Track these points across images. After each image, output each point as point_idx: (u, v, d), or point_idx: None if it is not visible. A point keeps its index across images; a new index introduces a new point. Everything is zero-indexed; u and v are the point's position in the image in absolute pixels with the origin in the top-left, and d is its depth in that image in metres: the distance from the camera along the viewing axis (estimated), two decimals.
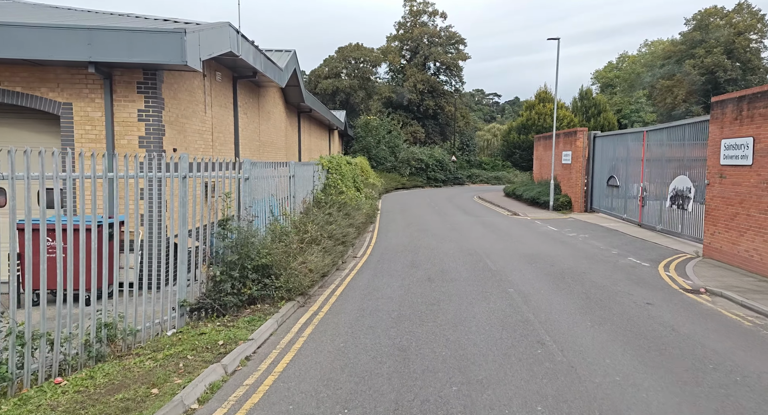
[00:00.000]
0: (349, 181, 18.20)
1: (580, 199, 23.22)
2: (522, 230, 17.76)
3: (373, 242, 14.76)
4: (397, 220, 20.56)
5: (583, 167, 23.07)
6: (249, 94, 14.60)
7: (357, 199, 16.29)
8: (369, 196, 21.95)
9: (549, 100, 35.78)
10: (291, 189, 10.45)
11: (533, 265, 11.36)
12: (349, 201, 14.55)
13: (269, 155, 16.95)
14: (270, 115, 17.19)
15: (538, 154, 30.20)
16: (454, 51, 51.29)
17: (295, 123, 22.27)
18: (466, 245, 14.14)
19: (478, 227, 18.29)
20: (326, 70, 48.80)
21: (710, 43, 45.79)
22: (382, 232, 16.92)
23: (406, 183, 42.02)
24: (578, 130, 23.08)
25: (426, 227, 18.21)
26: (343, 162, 17.85)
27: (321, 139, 30.42)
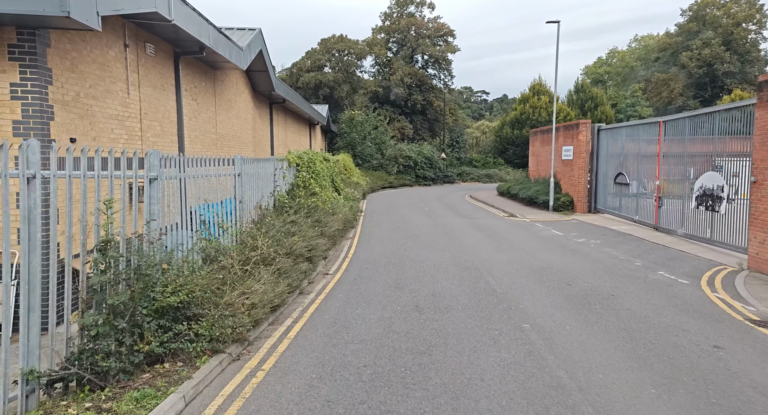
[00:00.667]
0: (326, 180, 15.85)
1: (583, 198, 21.12)
2: (523, 234, 15.56)
3: (352, 253, 12.45)
4: (382, 223, 18.26)
5: (587, 164, 20.96)
6: (200, 76, 12.17)
7: (334, 202, 13.96)
8: (350, 198, 19.61)
9: (544, 92, 33.74)
10: (238, 191, 8.08)
11: (546, 284, 9.13)
12: (323, 204, 12.20)
13: (231, 150, 14.53)
14: (231, 104, 14.76)
15: (534, 149, 28.09)
16: (442, 43, 49.04)
17: (267, 115, 19.85)
18: (462, 256, 11.88)
19: (473, 232, 16.06)
20: (308, 62, 46.27)
21: (708, 34, 44.11)
22: (364, 239, 14.62)
23: (394, 182, 39.74)
24: (581, 122, 20.99)
25: (414, 232, 15.94)
26: (318, 158, 15.50)
27: (300, 134, 27.99)
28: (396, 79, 45.83)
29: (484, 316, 7.21)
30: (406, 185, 41.71)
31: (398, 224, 18.26)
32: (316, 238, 9.82)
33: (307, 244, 8.92)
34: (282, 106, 22.20)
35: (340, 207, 13.98)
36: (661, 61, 51.32)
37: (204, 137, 12.29)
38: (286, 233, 8.68)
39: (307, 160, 13.88)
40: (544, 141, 25.83)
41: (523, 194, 24.93)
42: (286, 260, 7.77)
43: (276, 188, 10.64)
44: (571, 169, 21.85)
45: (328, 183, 16.24)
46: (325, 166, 16.81)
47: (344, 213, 13.99)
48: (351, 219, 15.98)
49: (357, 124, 39.04)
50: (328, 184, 15.81)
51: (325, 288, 8.96)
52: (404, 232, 16.04)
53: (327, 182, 15.75)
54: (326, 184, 15.43)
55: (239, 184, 8.08)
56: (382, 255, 12.07)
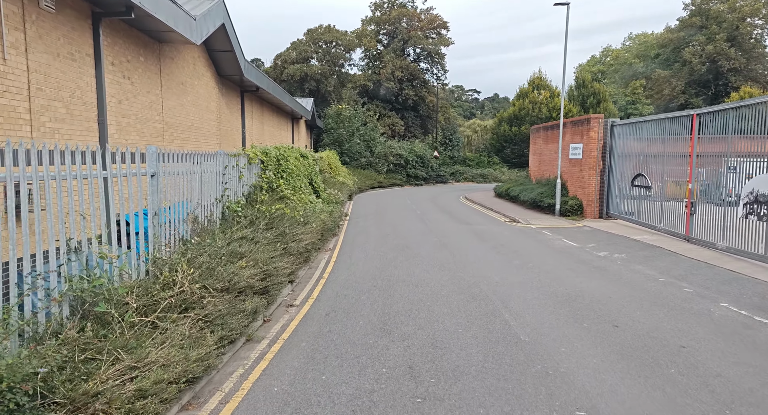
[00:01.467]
0: (301, 180, 13.42)
1: (594, 202, 18.89)
2: (532, 245, 13.25)
3: (328, 272, 10.04)
4: (369, 230, 15.86)
5: (598, 163, 18.73)
6: (137, 49, 9.65)
7: (309, 207, 11.52)
8: (333, 200, 17.18)
9: (544, 87, 31.55)
10: (152, 200, 5.57)
11: (584, 324, 6.80)
12: (293, 211, 9.75)
13: (187, 144, 12.03)
14: (186, 89, 12.25)
15: (536, 148, 25.85)
16: (435, 36, 46.69)
17: (237, 105, 17.33)
18: (466, 277, 9.53)
19: (474, 242, 13.72)
20: (294, 54, 43.64)
21: (712, 29, 42.24)
22: (346, 252, 12.22)
23: (384, 181, 37.37)
24: (592, 117, 18.74)
25: (406, 242, 13.57)
26: (293, 155, 13.04)
27: (280, 129, 25.47)
28: (386, 72, 43.38)
29: (511, 391, 4.83)
30: (397, 185, 39.35)
31: (387, 230, 15.87)
32: (276, 259, 7.39)
33: (261, 269, 6.48)
34: (256, 95, 19.69)
35: (317, 214, 11.55)
36: (662, 58, 49.45)
37: (143, 126, 9.78)
38: (231, 256, 6.25)
39: (276, 157, 11.42)
40: (548, 138, 23.59)
41: (525, 197, 22.67)
42: (223, 298, 5.34)
43: (226, 193, 8.16)
44: (580, 169, 19.62)
45: (304, 184, 13.80)
46: (302, 164, 14.36)
47: (322, 221, 11.57)
48: (332, 227, 13.56)
49: (344, 120, 36.56)
50: (303, 185, 13.37)
51: (285, 331, 6.54)
52: (394, 241, 13.66)
53: (302, 183, 13.31)
54: (301, 186, 12.99)
55: (154, 190, 5.58)
56: (366, 275, 9.67)
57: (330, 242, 13.56)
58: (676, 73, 45.30)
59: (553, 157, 22.64)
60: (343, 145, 36.59)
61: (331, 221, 13.53)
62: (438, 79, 48.22)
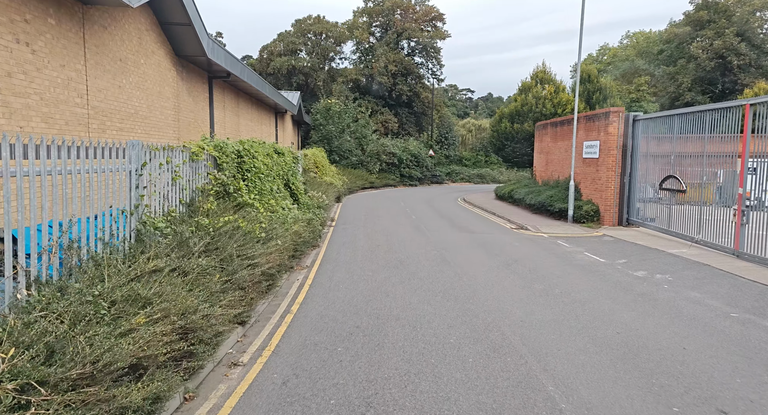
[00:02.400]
0: (273, 182, 11.05)
1: (612, 207, 16.68)
2: (552, 261, 10.98)
3: (300, 302, 7.71)
4: (357, 240, 13.54)
5: (618, 163, 16.53)
6: (43, 6, 7.24)
7: (279, 216, 9.14)
8: (316, 205, 14.83)
9: (548, 80, 29.32)
10: None
11: (674, 409, 4.51)
12: (252, 224, 7.35)
13: (127, 134, 9.64)
14: (128, 67, 9.84)
15: (542, 146, 23.63)
16: (431, 29, 44.38)
17: (204, 93, 14.93)
18: (480, 312, 7.23)
19: (481, 256, 11.42)
20: (281, 46, 41.14)
21: (721, 23, 40.27)
22: (326, 270, 9.88)
23: (376, 181, 35.04)
24: (611, 110, 16.52)
25: (400, 256, 11.26)
26: (262, 151, 10.66)
27: (260, 123, 23.05)
28: (379, 66, 41.00)
29: None
30: (390, 186, 37.05)
31: (378, 240, 13.56)
32: (213, 299, 5.04)
33: (176, 325, 4.14)
34: (230, 84, 17.29)
35: (289, 224, 9.18)
36: (665, 55, 47.50)
37: (53, 110, 7.38)
38: (126, 307, 3.91)
39: (236, 152, 9.02)
40: (558, 135, 21.38)
41: (532, 200, 20.45)
42: (84, 392, 2.99)
43: (143, 202, 5.72)
44: (596, 169, 17.40)
45: (278, 186, 11.43)
46: (275, 163, 12.00)
47: (296, 233, 9.22)
48: (311, 238, 11.22)
49: (334, 116, 34.14)
50: (276, 187, 10.99)
51: None
52: (386, 256, 11.34)
53: (274, 185, 10.93)
54: (272, 189, 10.61)
55: None
56: (349, 308, 7.34)
57: (308, 258, 11.21)
58: (682, 69, 43.33)
59: (564, 157, 20.44)
60: (333, 143, 34.20)
61: (310, 231, 11.19)
62: (433, 74, 45.96)
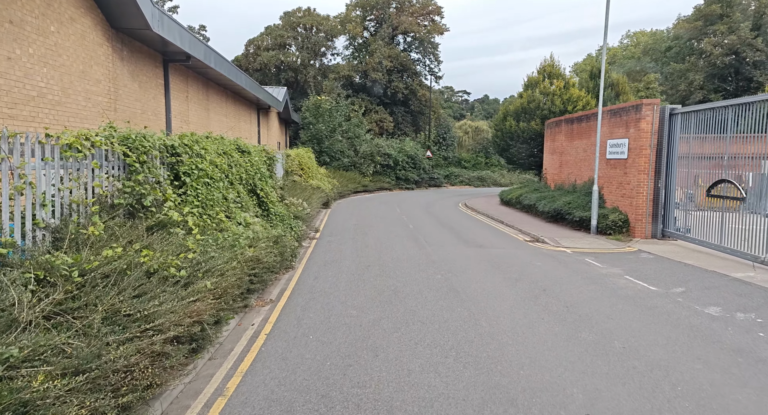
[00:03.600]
0: (232, 189, 8.47)
1: (645, 217, 14.21)
2: (591, 291, 8.45)
3: (243, 371, 5.15)
4: (343, 259, 10.99)
5: (652, 165, 14.07)
6: None
7: (226, 239, 6.57)
8: (295, 215, 12.29)
9: (557, 75, 26.87)
10: None
11: None
12: (164, 257, 4.74)
13: (24, 125, 7.04)
14: (26, 34, 7.26)
15: (555, 146, 21.15)
16: (428, 23, 41.93)
17: (158, 79, 12.35)
18: (521, 396, 4.66)
19: (498, 282, 8.86)
20: (268, 40, 38.55)
21: (735, 17, 38.04)
22: (295, 308, 7.34)
23: (369, 185, 32.51)
24: (644, 103, 14.06)
25: (396, 283, 8.71)
26: (213, 148, 8.11)
27: (238, 119, 20.47)
28: (373, 62, 38.48)
29: None
30: (385, 189, 34.53)
31: (369, 258, 11.00)
32: None
33: None
34: (196, 72, 14.71)
35: (240, 248, 6.61)
36: (674, 51, 45.27)
37: None
38: None
39: (167, 148, 6.40)
40: (574, 133, 18.91)
41: (545, 207, 17.95)
42: None
43: None
44: (624, 172, 14.93)
45: (238, 194, 8.84)
46: (237, 164, 9.41)
47: (250, 260, 6.66)
48: (278, 261, 8.66)
49: (324, 113, 31.58)
50: (233, 196, 8.40)
51: None
52: (376, 282, 8.78)
53: (233, 193, 8.34)
54: (228, 198, 8.03)
55: None
56: (315, 387, 4.78)
57: (275, 286, 8.63)
58: (692, 66, 41.07)
59: (582, 157, 17.97)
60: (323, 143, 31.64)
61: (279, 251, 8.62)
62: (431, 71, 43.47)
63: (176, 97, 13.42)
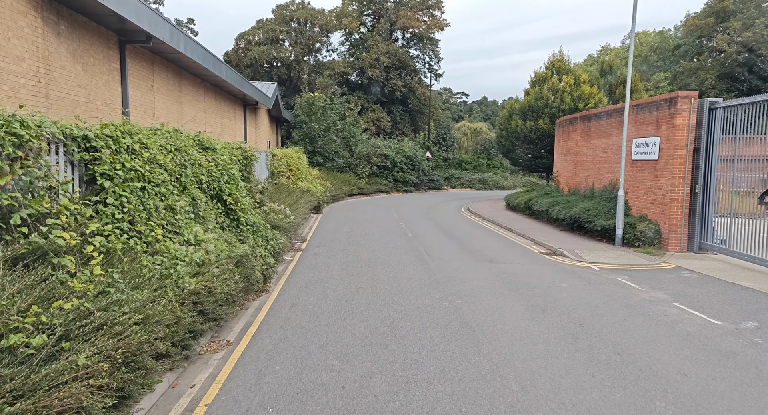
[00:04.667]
0: (186, 195, 6.59)
1: (680, 227, 12.37)
2: (639, 327, 6.59)
3: None
4: (329, 279, 9.10)
5: (688, 167, 12.23)
6: None
7: (157, 265, 4.74)
8: (269, 225, 10.42)
9: (567, 71, 25.06)
10: None
11: None
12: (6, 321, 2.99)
13: None
14: None
15: (568, 146, 19.31)
16: (427, 18, 40.11)
17: (111, 63, 10.44)
18: None
19: (523, 317, 6.96)
20: (260, 34, 36.66)
21: (750, 13, 36.33)
22: (256, 359, 5.47)
23: (365, 187, 30.65)
24: (679, 95, 12.22)
25: (393, 317, 6.82)
26: (161, 143, 6.23)
27: (219, 115, 18.56)
28: (371, 58, 36.61)
29: None
30: (382, 192, 32.66)
31: (361, 277, 9.10)
32: None
33: None
34: (164, 58, 12.82)
35: (176, 278, 4.75)
36: (683, 50, 43.56)
37: None
38: None
39: (73, 138, 4.54)
40: (591, 132, 17.07)
41: (559, 213, 16.09)
42: None
43: None
44: (654, 175, 13.09)
45: (195, 201, 6.95)
46: (195, 163, 7.52)
47: (187, 295, 4.79)
48: (239, 289, 6.76)
49: (317, 111, 29.70)
50: (184, 205, 6.50)
51: None
52: (368, 314, 6.88)
53: (185, 201, 6.45)
54: (175, 209, 6.14)
55: None
56: None
57: (238, 321, 6.74)
58: (704, 64, 39.36)
59: (602, 158, 16.12)
60: (316, 143, 29.75)
61: (241, 276, 6.74)
62: (430, 69, 41.64)
63: (137, 86, 11.52)
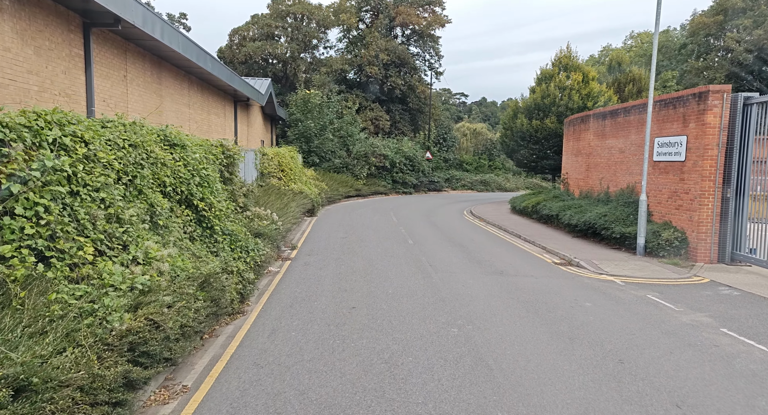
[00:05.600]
0: (138, 202, 5.36)
1: (710, 236, 11.16)
2: (691, 363, 5.36)
3: None
4: (319, 296, 7.87)
5: (719, 169, 11.03)
6: None
7: (75, 307, 3.55)
8: (251, 233, 9.22)
9: (575, 67, 23.87)
10: None
11: None
12: None
13: None
14: None
15: (580, 146, 18.10)
16: (428, 14, 38.91)
17: (72, 48, 9.21)
18: None
19: (548, 348, 5.73)
20: (254, 30, 35.40)
21: (761, 10, 35.21)
22: (223, 400, 4.25)
23: (363, 189, 29.43)
24: (711, 89, 11.02)
25: (392, 349, 5.58)
26: (109, 137, 5.01)
27: (207, 112, 17.33)
28: (369, 55, 35.39)
29: None
30: (380, 193, 31.44)
31: (355, 295, 7.86)
32: None
33: None
34: (137, 44, 11.57)
35: (104, 315, 3.54)
36: (689, 49, 42.45)
37: None
38: None
39: None
40: (607, 131, 15.86)
41: (572, 219, 14.88)
42: None
43: None
44: (680, 178, 11.89)
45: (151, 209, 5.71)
46: (157, 162, 6.28)
47: (115, 340, 3.55)
48: (202, 321, 5.52)
49: (313, 109, 28.47)
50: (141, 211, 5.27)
51: None
52: (361, 343, 5.63)
53: (137, 208, 5.22)
54: (125, 218, 4.92)
55: None
56: None
57: (202, 353, 5.51)
58: (711, 63, 38.24)
59: (618, 159, 14.92)
60: (312, 142, 28.52)
61: (205, 302, 5.51)
62: (431, 67, 40.43)
63: (107, 76, 10.28)
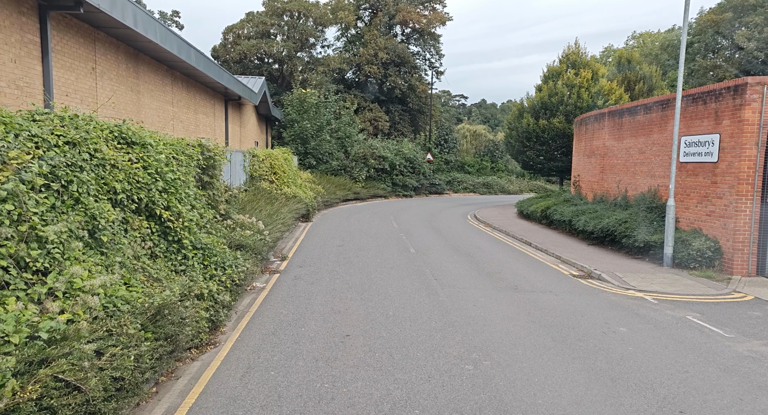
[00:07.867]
0: (73, 217, 4.19)
1: (748, 246, 9.99)
2: None
3: None
4: (309, 317, 6.69)
5: (758, 170, 9.88)
6: None
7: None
8: (231, 246, 8.03)
9: (584, 64, 22.73)
10: None
11: None
12: None
13: None
14: None
15: (593, 146, 16.94)
16: (428, 12, 37.80)
17: (26, 35, 8.04)
18: None
19: (591, 397, 4.50)
20: (249, 27, 34.28)
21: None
22: None
23: (362, 192, 28.26)
24: (748, 81, 9.89)
25: (393, 399, 4.36)
26: (35, 132, 3.88)
27: (194, 111, 16.16)
28: (368, 53, 34.26)
29: None
30: (379, 196, 30.27)
31: (351, 319, 6.66)
32: None
33: None
34: (108, 33, 10.40)
35: None
36: (696, 47, 41.33)
37: None
38: None
39: None
40: (624, 130, 14.69)
41: (586, 225, 13.71)
42: None
43: None
44: (712, 181, 10.73)
45: (93, 222, 4.55)
46: (98, 164, 5.11)
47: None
48: (158, 358, 4.30)
49: (310, 109, 27.31)
50: (75, 226, 4.10)
51: None
52: (355, 387, 4.40)
53: (70, 224, 4.07)
54: (51, 238, 3.77)
55: None
56: None
57: (157, 403, 4.32)
58: (718, 62, 37.12)
59: (638, 160, 13.75)
60: (308, 143, 27.36)
61: (155, 343, 4.31)
62: (431, 66, 39.32)
63: (71, 68, 9.11)
